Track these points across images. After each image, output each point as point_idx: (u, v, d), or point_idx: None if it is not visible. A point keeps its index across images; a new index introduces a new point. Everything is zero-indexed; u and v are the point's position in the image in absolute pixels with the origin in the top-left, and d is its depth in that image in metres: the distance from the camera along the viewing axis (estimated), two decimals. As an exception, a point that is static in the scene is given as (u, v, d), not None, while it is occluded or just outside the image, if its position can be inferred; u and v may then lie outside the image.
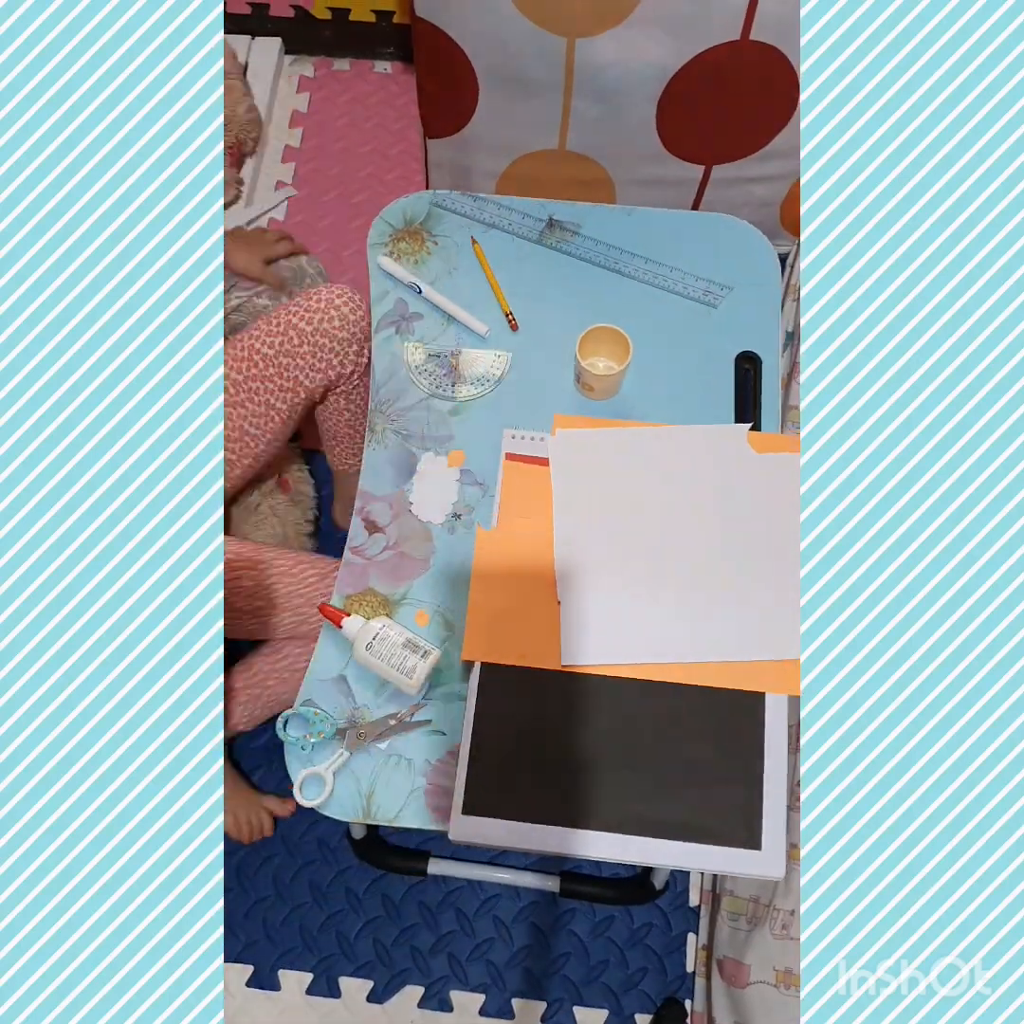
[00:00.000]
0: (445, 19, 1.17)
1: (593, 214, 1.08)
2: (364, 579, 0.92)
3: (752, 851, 0.78)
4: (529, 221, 1.08)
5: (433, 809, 0.84)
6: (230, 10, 1.77)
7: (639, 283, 1.04)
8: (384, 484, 0.96)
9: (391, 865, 1.25)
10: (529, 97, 1.25)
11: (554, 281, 1.04)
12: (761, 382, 0.99)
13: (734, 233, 1.06)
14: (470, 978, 1.25)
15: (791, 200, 1.44)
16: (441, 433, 0.97)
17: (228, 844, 1.30)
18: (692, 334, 1.01)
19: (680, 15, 1.11)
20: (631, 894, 1.24)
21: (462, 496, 0.94)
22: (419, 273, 1.04)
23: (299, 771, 0.85)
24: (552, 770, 0.82)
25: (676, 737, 0.82)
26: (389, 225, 1.08)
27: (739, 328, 1.01)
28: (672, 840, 0.79)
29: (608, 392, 0.98)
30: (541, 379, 1.00)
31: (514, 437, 0.95)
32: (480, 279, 1.05)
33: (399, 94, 1.80)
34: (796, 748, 1.12)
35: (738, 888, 1.13)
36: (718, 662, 0.84)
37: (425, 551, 0.93)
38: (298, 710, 0.87)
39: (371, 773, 0.85)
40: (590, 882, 1.24)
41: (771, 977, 1.03)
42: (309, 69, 1.84)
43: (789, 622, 0.85)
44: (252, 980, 1.26)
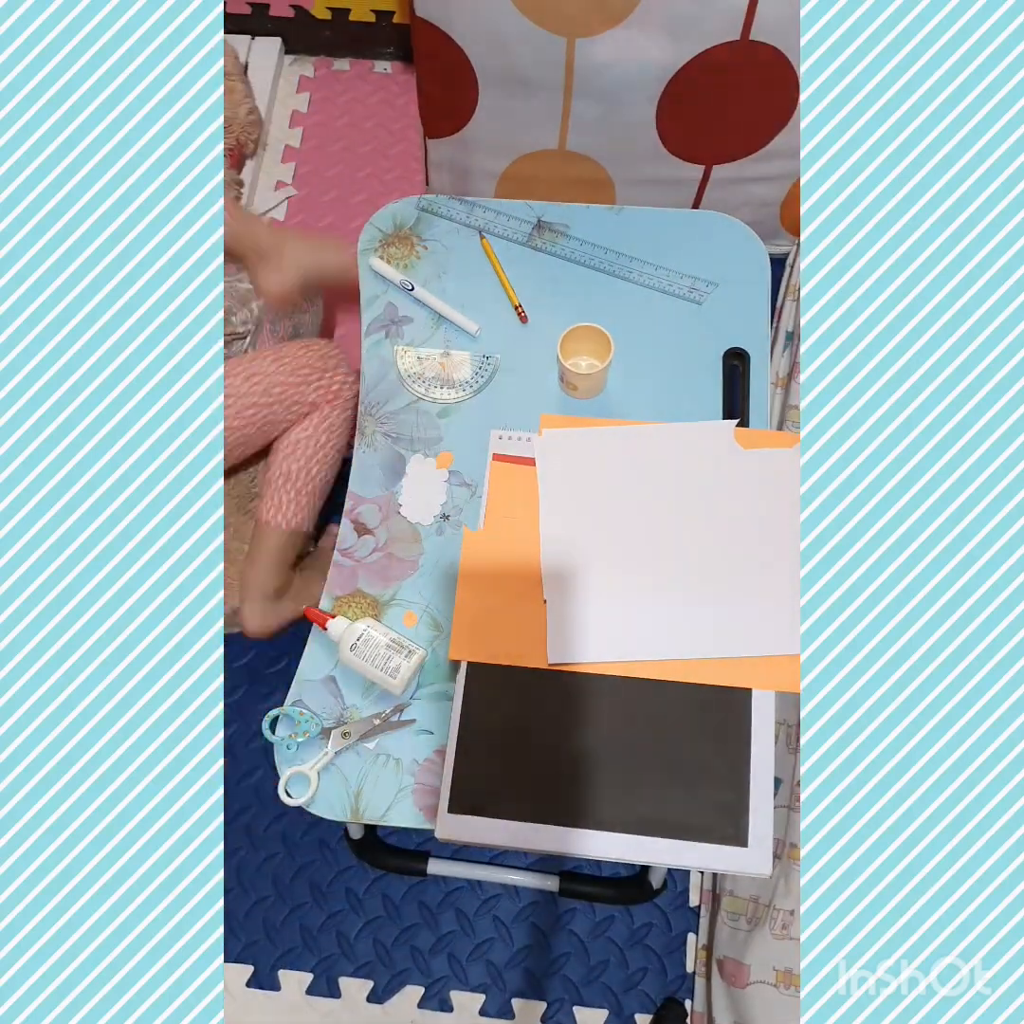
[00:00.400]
0: (445, 19, 1.17)
1: (581, 214, 1.08)
2: (353, 581, 0.93)
3: (738, 848, 0.78)
4: (517, 223, 1.08)
5: (421, 808, 0.85)
6: (230, 10, 1.77)
7: (626, 282, 1.04)
8: (373, 486, 0.96)
9: (390, 865, 1.25)
10: (529, 97, 1.25)
11: (542, 283, 1.05)
12: (749, 378, 0.99)
13: (724, 230, 1.06)
14: (470, 978, 1.25)
15: (791, 200, 1.44)
16: (430, 435, 0.98)
17: (228, 844, 1.30)
18: (679, 332, 1.01)
19: (680, 15, 1.11)
20: (629, 893, 1.24)
21: (450, 497, 0.95)
22: (409, 277, 1.05)
23: (286, 771, 0.86)
24: (538, 769, 0.82)
25: (662, 735, 0.82)
26: (379, 230, 1.08)
27: (728, 324, 1.01)
28: (658, 837, 0.79)
29: (592, 391, 0.98)
30: (529, 380, 1.00)
31: (501, 438, 0.95)
32: (471, 282, 1.05)
33: (399, 94, 1.80)
34: (796, 748, 1.12)
35: (738, 888, 1.13)
36: (705, 659, 0.84)
37: (414, 552, 0.93)
38: (286, 710, 0.88)
39: (359, 772, 0.86)
40: (589, 882, 1.24)
41: (771, 977, 1.03)
42: (309, 69, 1.84)
43: (778, 618, 0.85)
44: (252, 980, 1.26)
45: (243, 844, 1.31)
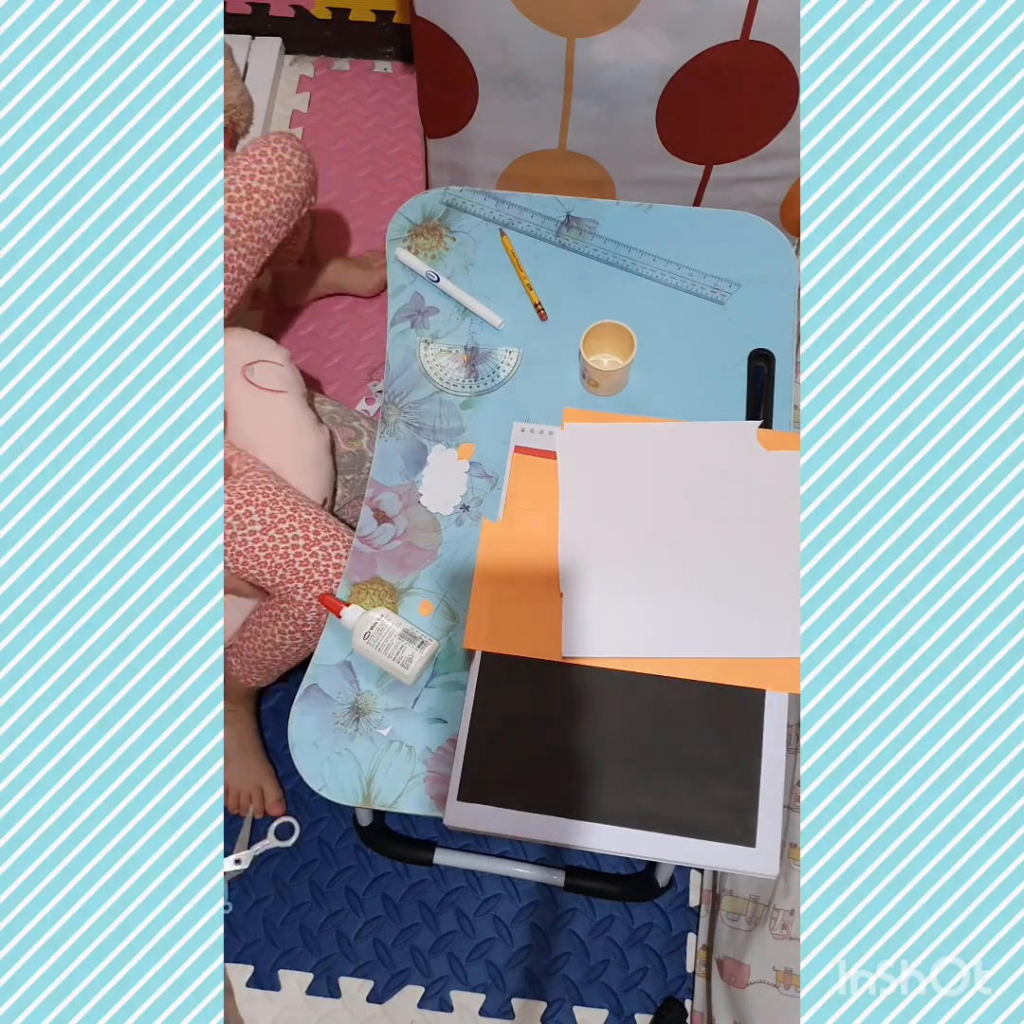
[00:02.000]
0: (445, 19, 1.17)
1: (611, 211, 1.09)
2: (372, 568, 0.93)
3: (747, 848, 0.78)
4: (540, 219, 1.08)
5: (432, 796, 0.85)
6: (230, 10, 1.77)
7: (651, 281, 1.05)
8: (394, 475, 0.97)
9: (396, 853, 1.25)
10: (529, 97, 1.25)
11: (567, 279, 1.05)
12: (774, 379, 0.99)
13: (753, 230, 1.07)
14: (470, 978, 1.25)
15: (791, 200, 1.44)
16: (452, 426, 0.99)
17: (228, 844, 1.30)
18: (703, 331, 1.02)
19: (680, 15, 1.11)
20: (635, 890, 1.24)
21: (471, 488, 0.96)
22: (436, 268, 1.06)
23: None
24: (548, 760, 0.82)
25: (674, 732, 0.82)
26: (408, 220, 1.09)
27: (753, 325, 1.02)
28: (666, 834, 0.79)
29: (613, 389, 0.98)
30: (552, 376, 1.01)
31: (524, 430, 0.96)
32: (497, 276, 1.06)
33: (399, 94, 1.80)
34: (796, 748, 1.12)
35: (738, 888, 1.13)
36: (719, 658, 0.84)
37: (433, 542, 0.94)
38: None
39: (372, 758, 0.86)
40: (594, 877, 1.24)
41: (771, 977, 1.03)
42: (309, 69, 1.83)
43: (791, 621, 0.85)
44: (252, 980, 1.26)
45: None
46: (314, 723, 0.88)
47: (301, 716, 0.89)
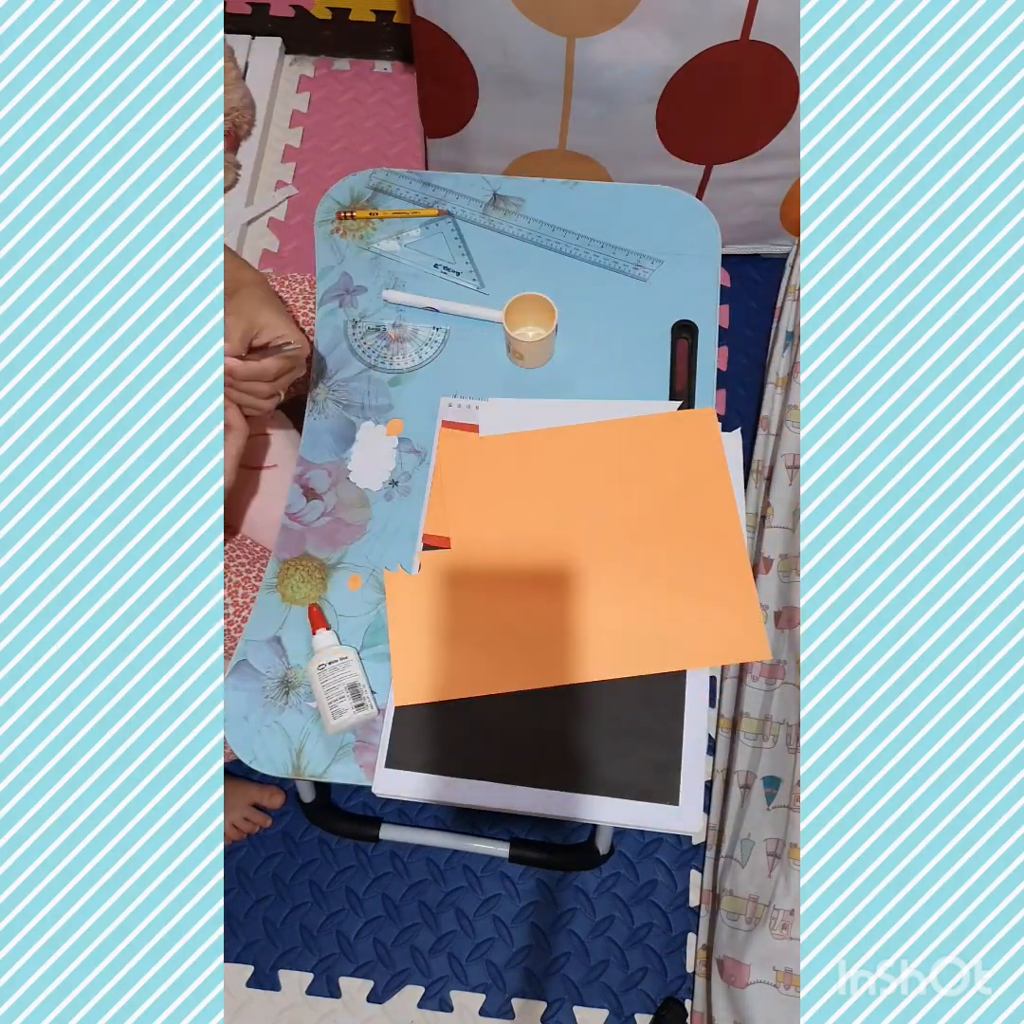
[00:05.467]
0: (445, 19, 1.18)
1: (536, 188, 1.08)
2: (301, 544, 0.94)
3: (670, 806, 0.80)
4: (466, 201, 1.08)
5: (362, 765, 0.85)
6: (230, 10, 1.77)
7: (575, 260, 1.05)
8: (323, 452, 0.98)
9: (341, 830, 1.25)
10: (529, 97, 1.25)
11: (495, 256, 1.05)
12: (697, 349, 1.00)
13: (678, 206, 1.07)
14: (470, 978, 1.25)
15: (791, 200, 1.44)
16: (381, 403, 1.00)
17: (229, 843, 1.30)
18: (627, 307, 1.03)
19: (680, 15, 1.11)
20: (576, 859, 1.26)
21: (400, 464, 0.97)
22: (365, 246, 1.06)
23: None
24: (476, 726, 0.83)
25: (602, 699, 0.84)
26: (336, 202, 1.09)
27: (676, 298, 1.03)
28: (593, 795, 0.81)
29: (538, 360, 1.00)
30: (481, 350, 1.01)
31: (451, 405, 0.97)
32: (431, 245, 1.05)
33: (399, 94, 1.80)
34: (796, 748, 1.12)
35: (738, 888, 1.13)
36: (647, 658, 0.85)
37: (362, 517, 0.95)
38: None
39: (301, 730, 0.87)
40: (538, 847, 1.26)
41: (771, 977, 1.03)
42: (309, 69, 1.84)
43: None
44: (252, 980, 1.26)
45: (243, 844, 1.31)
46: (244, 698, 0.88)
47: (231, 691, 0.88)
